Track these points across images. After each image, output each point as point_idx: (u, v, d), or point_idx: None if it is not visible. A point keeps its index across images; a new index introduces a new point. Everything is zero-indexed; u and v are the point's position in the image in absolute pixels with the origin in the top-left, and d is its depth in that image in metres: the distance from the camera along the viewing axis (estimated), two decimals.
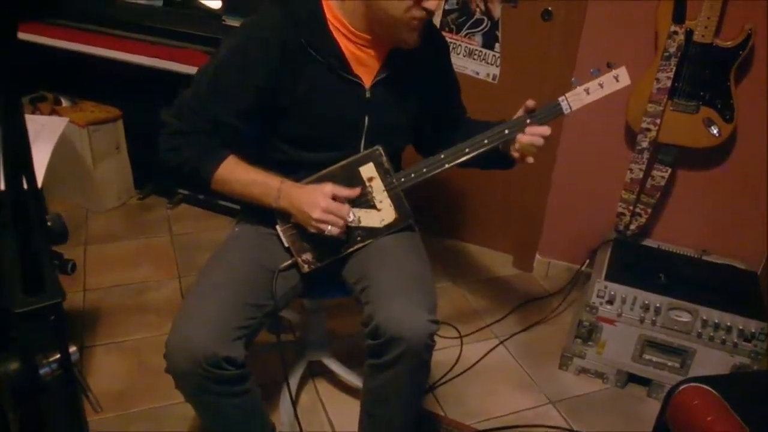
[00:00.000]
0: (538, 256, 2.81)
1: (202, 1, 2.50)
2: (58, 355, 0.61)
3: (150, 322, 2.30)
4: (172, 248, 2.79)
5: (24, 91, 2.68)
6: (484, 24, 2.52)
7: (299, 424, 1.73)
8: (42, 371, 0.60)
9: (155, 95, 2.23)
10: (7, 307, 0.55)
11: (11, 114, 0.47)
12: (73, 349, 0.63)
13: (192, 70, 2.44)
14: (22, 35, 2.54)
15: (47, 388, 0.61)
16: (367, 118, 1.50)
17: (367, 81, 1.48)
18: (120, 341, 2.19)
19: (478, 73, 2.59)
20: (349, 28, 1.42)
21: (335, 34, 1.42)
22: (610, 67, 1.52)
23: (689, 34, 2.03)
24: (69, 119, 1.95)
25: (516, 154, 1.50)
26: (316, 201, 1.40)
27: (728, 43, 2.02)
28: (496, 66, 2.56)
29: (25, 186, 0.51)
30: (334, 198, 1.42)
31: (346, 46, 1.43)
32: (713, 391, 1.41)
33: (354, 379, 1.98)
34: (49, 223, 0.59)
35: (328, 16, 1.41)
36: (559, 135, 2.51)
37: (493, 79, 2.58)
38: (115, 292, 2.46)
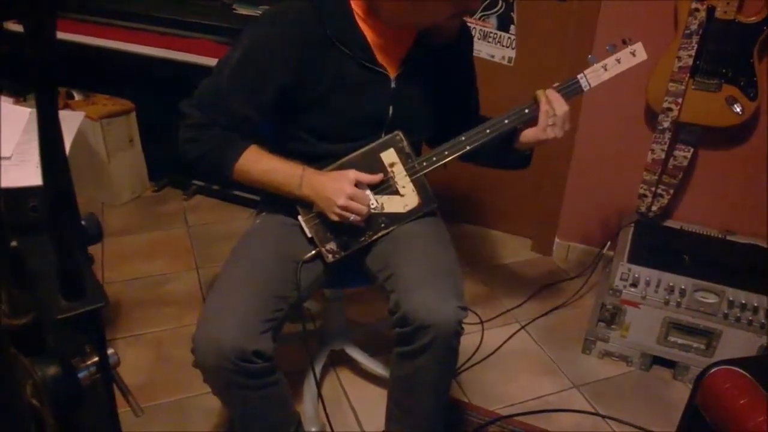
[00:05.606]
0: (557, 239, 2.78)
1: None
2: (96, 358, 0.59)
3: (169, 314, 2.29)
4: (189, 240, 2.78)
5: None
6: (499, 6, 2.48)
7: (326, 413, 1.72)
8: (81, 375, 0.59)
9: (167, 87, 2.21)
10: (45, 313, 0.54)
11: (48, 113, 0.45)
12: (111, 351, 0.62)
13: (203, 60, 2.44)
14: None
15: (86, 393, 0.59)
16: (391, 109, 1.47)
17: (392, 71, 1.46)
18: (140, 334, 2.19)
19: (493, 56, 2.55)
20: (375, 19, 1.40)
21: (360, 24, 1.40)
22: (625, 43, 1.50)
23: (711, 10, 1.98)
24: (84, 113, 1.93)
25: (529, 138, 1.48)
26: (342, 187, 1.39)
27: (752, 18, 1.97)
28: (512, 48, 2.52)
29: (61, 187, 0.49)
30: (357, 184, 1.41)
31: (371, 37, 1.41)
32: (745, 373, 1.38)
33: (376, 367, 1.97)
34: (83, 223, 0.57)
35: (353, 5, 1.39)
36: (578, 117, 2.47)
37: (509, 61, 2.55)
38: (133, 284, 2.46)
